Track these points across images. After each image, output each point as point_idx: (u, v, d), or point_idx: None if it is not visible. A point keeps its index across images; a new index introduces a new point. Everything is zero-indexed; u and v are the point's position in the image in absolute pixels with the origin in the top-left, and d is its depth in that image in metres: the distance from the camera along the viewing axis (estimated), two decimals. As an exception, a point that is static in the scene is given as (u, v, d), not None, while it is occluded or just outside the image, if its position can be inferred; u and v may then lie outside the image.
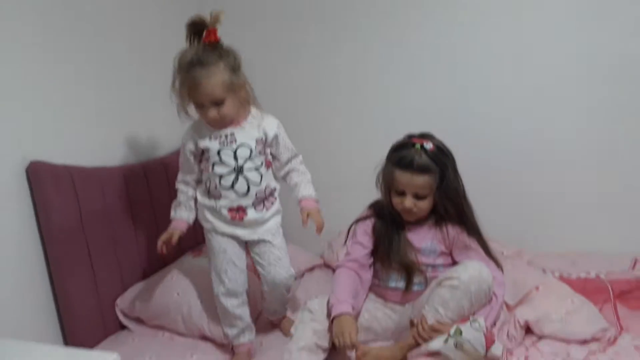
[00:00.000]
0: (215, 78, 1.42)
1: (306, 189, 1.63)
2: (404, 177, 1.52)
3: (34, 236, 1.59)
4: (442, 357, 1.40)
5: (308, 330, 1.51)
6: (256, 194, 1.57)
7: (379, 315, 1.63)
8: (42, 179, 1.57)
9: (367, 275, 1.65)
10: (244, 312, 1.63)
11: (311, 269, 2.17)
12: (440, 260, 1.58)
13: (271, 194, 1.62)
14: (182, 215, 1.63)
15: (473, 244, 1.56)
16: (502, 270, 1.59)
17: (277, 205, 1.64)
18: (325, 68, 2.22)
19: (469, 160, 1.64)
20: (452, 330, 1.39)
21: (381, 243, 1.61)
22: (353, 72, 2.18)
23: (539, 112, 1.98)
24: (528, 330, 1.55)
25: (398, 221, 1.60)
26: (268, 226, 1.62)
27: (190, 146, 1.57)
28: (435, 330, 1.44)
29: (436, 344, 1.41)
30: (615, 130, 1.92)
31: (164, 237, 1.60)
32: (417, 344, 1.47)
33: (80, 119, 1.74)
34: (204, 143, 1.54)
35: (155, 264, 1.91)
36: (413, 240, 1.59)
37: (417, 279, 1.58)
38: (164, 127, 2.03)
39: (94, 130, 1.78)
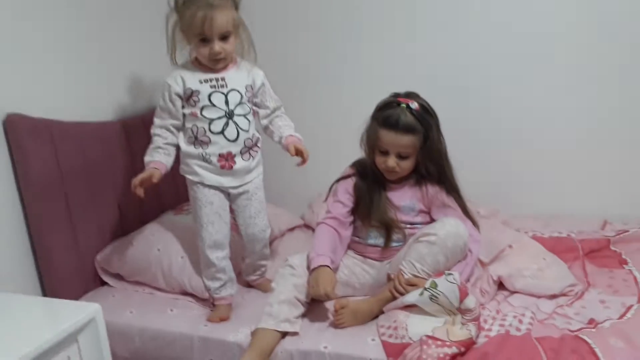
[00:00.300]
0: (227, 11, 1.48)
1: (291, 130, 1.65)
2: (388, 137, 1.54)
3: (12, 190, 1.57)
4: (418, 309, 1.44)
5: (289, 285, 1.54)
6: (244, 142, 1.59)
7: (357, 270, 1.67)
8: (19, 132, 1.54)
9: (347, 232, 1.68)
10: (228, 264, 1.65)
11: (292, 229, 2.20)
12: (418, 219, 1.62)
13: (256, 143, 1.63)
14: (160, 159, 1.56)
15: (451, 202, 1.60)
16: (478, 228, 1.64)
17: (259, 156, 1.66)
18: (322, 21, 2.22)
19: (450, 120, 1.66)
20: (427, 284, 1.43)
21: (362, 201, 1.64)
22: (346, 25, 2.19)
23: (518, 76, 2.01)
24: (500, 286, 1.61)
25: (379, 180, 1.63)
26: (252, 176, 1.64)
27: (177, 88, 1.54)
28: (412, 285, 1.48)
29: (412, 296, 1.45)
30: (593, 92, 1.96)
31: (141, 176, 1.50)
32: (394, 298, 1.51)
33: (60, 73, 1.70)
34: (194, 85, 1.54)
35: (136, 221, 1.91)
36: (393, 199, 1.62)
37: (395, 236, 1.62)
38: (143, 84, 2.02)
39: (73, 86, 1.75)
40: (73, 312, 1.16)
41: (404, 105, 1.54)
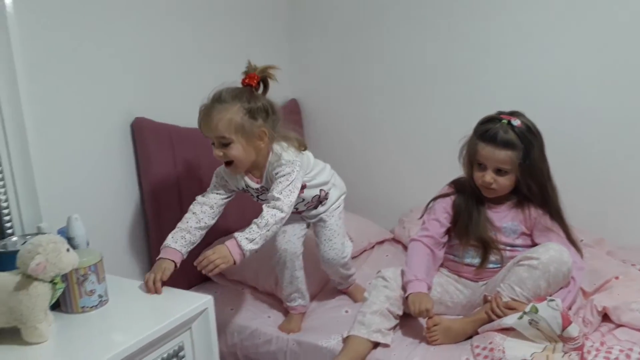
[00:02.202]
0: (224, 115, 1.39)
1: (248, 234, 1.36)
2: (485, 150, 1.53)
3: (133, 185, 1.74)
4: (515, 333, 1.42)
5: (381, 296, 1.57)
6: (306, 207, 1.63)
7: (450, 289, 1.66)
8: (144, 134, 1.70)
9: (440, 253, 1.67)
10: (301, 275, 1.67)
11: (381, 242, 2.22)
12: (519, 241, 1.59)
13: (320, 201, 1.64)
14: (181, 247, 1.43)
15: (555, 227, 1.56)
16: (582, 255, 1.58)
17: (332, 197, 1.67)
18: (410, 39, 2.23)
19: (556, 144, 1.63)
20: (527, 308, 1.40)
21: (460, 218, 1.63)
22: (437, 48, 2.18)
23: (628, 100, 1.92)
24: (604, 317, 1.54)
25: (480, 198, 1.62)
26: (324, 208, 1.67)
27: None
28: (510, 308, 1.46)
29: (510, 319, 1.42)
30: None
31: (156, 276, 1.32)
32: (489, 320, 1.49)
33: (177, 83, 1.86)
34: (230, 187, 1.55)
35: (240, 221, 2.01)
36: (493, 219, 1.60)
37: (493, 257, 1.59)
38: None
39: (189, 94, 1.88)
40: (189, 302, 1.25)
41: (505, 121, 1.53)
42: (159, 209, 1.73)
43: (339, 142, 2.45)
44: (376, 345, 1.50)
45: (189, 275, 1.85)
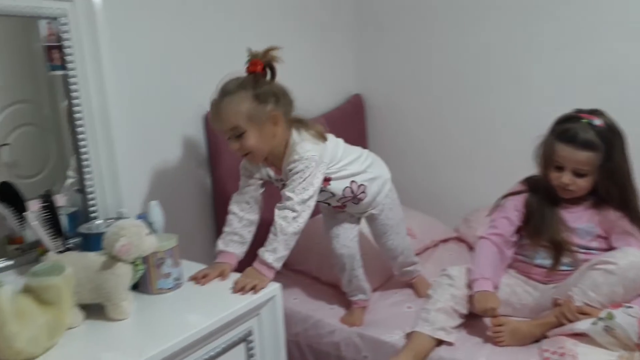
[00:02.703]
0: (232, 106, 1.36)
1: (268, 246, 1.35)
2: (564, 151, 1.48)
3: (205, 174, 1.81)
4: (588, 339, 1.37)
5: (446, 294, 1.55)
6: (339, 202, 1.57)
7: (518, 290, 1.61)
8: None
9: (509, 252, 1.63)
10: (360, 272, 1.67)
11: (445, 241, 2.19)
12: (594, 244, 1.53)
13: (355, 195, 1.56)
14: (234, 249, 1.43)
15: (635, 231, 1.48)
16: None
17: (373, 190, 1.58)
18: (482, 37, 2.18)
19: (637, 144, 1.55)
20: (602, 314, 1.34)
21: (532, 217, 1.58)
22: (509, 41, 2.12)
23: None
24: (687, 329, 1.45)
25: (553, 197, 1.56)
26: (373, 205, 1.62)
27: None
28: (583, 313, 1.40)
29: (583, 325, 1.37)
30: None
31: (213, 274, 1.33)
32: (560, 324, 1.44)
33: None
34: (256, 176, 1.51)
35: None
36: (568, 219, 1.55)
37: (565, 259, 1.54)
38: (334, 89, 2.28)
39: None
40: (258, 288, 1.29)
41: (585, 120, 1.47)
42: (226, 198, 1.78)
43: (403, 138, 2.44)
44: (440, 343, 1.49)
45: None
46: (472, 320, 1.56)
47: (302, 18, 2.16)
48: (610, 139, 1.46)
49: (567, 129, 1.48)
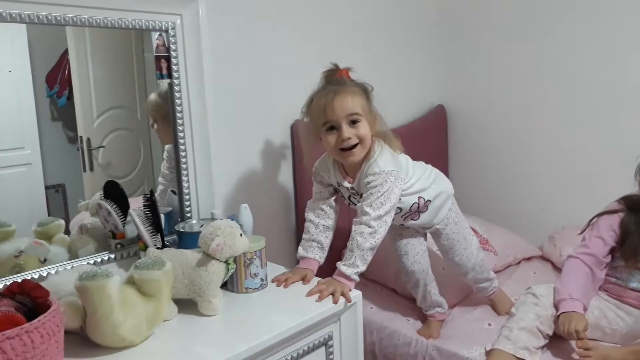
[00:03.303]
0: (354, 94, 1.37)
1: (346, 260, 1.36)
2: None
3: (289, 181, 1.87)
4: (690, 372, 1.28)
5: (531, 313, 1.50)
6: (404, 218, 1.55)
7: (609, 315, 1.53)
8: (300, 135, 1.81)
9: (601, 274, 1.55)
10: (433, 288, 1.66)
11: (528, 259, 2.12)
12: (698, 270, 1.43)
13: (425, 205, 1.53)
14: (314, 255, 1.45)
15: None
16: None
17: (436, 204, 1.56)
18: (573, 53, 2.11)
19: None
20: None
21: (629, 238, 1.50)
22: (601, 56, 2.03)
23: None
24: None
25: (654, 217, 1.48)
26: (437, 220, 1.59)
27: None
28: None
29: (683, 356, 1.28)
30: None
31: (295, 277, 1.37)
32: (657, 353, 1.36)
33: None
34: (326, 181, 1.51)
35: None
36: (669, 242, 1.46)
37: (664, 285, 1.45)
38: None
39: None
40: (340, 295, 1.31)
41: None
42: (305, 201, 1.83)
43: (486, 151, 2.39)
44: (522, 362, 1.45)
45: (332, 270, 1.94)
46: (558, 342, 1.50)
47: (390, 29, 2.19)
48: None
49: None
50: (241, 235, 1.21)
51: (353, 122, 1.37)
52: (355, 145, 1.38)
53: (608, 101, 2.03)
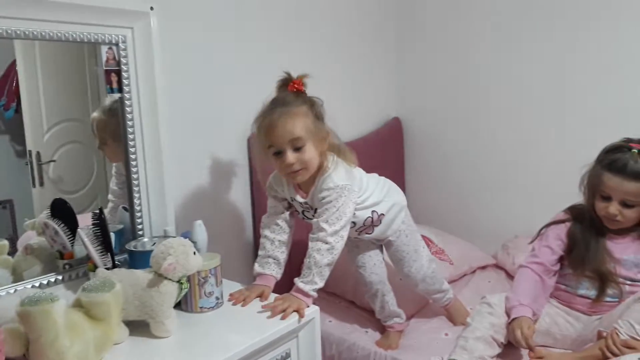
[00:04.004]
0: (297, 117, 1.33)
1: (303, 277, 1.35)
2: (612, 182, 1.45)
3: (246, 190, 1.86)
4: (635, 374, 1.32)
5: (485, 322, 1.53)
6: (359, 232, 1.55)
7: (559, 321, 1.58)
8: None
9: (551, 281, 1.60)
10: (391, 299, 1.67)
11: (483, 267, 2.16)
12: (642, 276, 1.49)
13: (379, 219, 1.54)
14: (271, 271, 1.43)
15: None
16: None
17: (389, 217, 1.56)
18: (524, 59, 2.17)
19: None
20: (649, 349, 1.30)
21: (576, 247, 1.55)
22: (551, 68, 2.10)
23: None
24: None
25: (598, 227, 1.53)
26: (388, 233, 1.60)
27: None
28: (628, 347, 1.36)
29: (628, 359, 1.33)
30: None
31: (253, 295, 1.35)
32: (604, 357, 1.40)
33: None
34: (280, 195, 1.49)
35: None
36: (613, 250, 1.51)
37: (610, 291, 1.50)
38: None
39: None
40: (297, 310, 1.30)
41: (635, 150, 1.44)
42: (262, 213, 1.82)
43: (441, 163, 2.43)
44: (478, 371, 1.47)
45: (289, 281, 1.92)
46: (512, 349, 1.53)
47: (346, 42, 2.21)
48: None
49: (615, 159, 1.46)
50: (195, 253, 1.19)
51: (297, 148, 1.34)
52: (298, 170, 1.36)
53: (557, 115, 2.11)
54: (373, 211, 1.52)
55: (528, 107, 2.17)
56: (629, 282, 1.49)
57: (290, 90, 1.38)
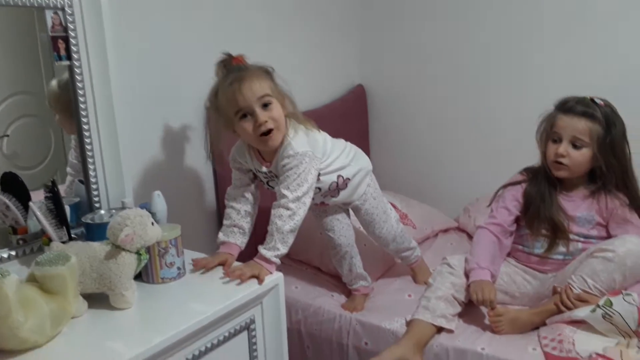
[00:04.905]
0: (259, 77, 1.34)
1: (266, 244, 1.35)
2: (563, 121, 1.51)
3: (208, 165, 1.82)
4: (586, 326, 1.38)
5: (447, 282, 1.57)
6: (324, 197, 1.56)
7: (517, 279, 1.63)
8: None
9: (508, 242, 1.65)
10: (358, 262, 1.70)
11: (445, 230, 2.20)
12: (594, 232, 1.54)
13: (344, 184, 1.55)
14: (236, 240, 1.43)
15: (634, 219, 1.50)
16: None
17: (355, 182, 1.57)
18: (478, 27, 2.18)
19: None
20: (601, 301, 1.36)
21: (532, 207, 1.60)
22: (511, 34, 2.12)
23: None
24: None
25: (552, 184, 1.58)
26: (354, 197, 1.61)
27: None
28: (581, 300, 1.42)
29: (581, 312, 1.39)
30: None
31: (215, 262, 1.34)
32: (559, 311, 1.46)
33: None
34: (244, 167, 1.48)
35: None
36: (567, 208, 1.56)
37: (563, 248, 1.56)
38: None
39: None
40: (261, 278, 1.30)
41: (588, 97, 1.51)
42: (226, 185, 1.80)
43: (404, 129, 2.44)
44: (440, 330, 1.51)
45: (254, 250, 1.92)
46: (472, 307, 1.58)
47: (308, 8, 2.16)
48: (611, 117, 1.49)
49: (567, 100, 1.53)
50: (153, 224, 1.17)
51: (265, 105, 1.34)
52: (272, 130, 1.35)
53: (516, 79, 2.13)
54: (339, 176, 1.53)
55: (488, 71, 2.19)
56: (582, 239, 1.55)
57: (234, 63, 1.37)
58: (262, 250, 1.34)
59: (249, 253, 1.42)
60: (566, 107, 1.52)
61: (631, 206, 1.51)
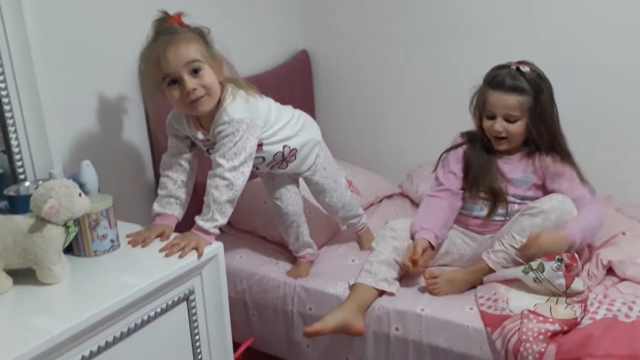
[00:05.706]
0: (188, 41, 1.26)
1: (204, 215, 1.31)
2: (494, 97, 1.54)
3: (143, 132, 1.75)
4: (520, 284, 1.44)
5: (389, 246, 1.59)
6: (270, 167, 1.53)
7: (457, 242, 1.67)
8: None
9: (459, 204, 1.67)
10: (305, 230, 1.70)
11: (389, 197, 2.23)
12: (530, 193, 1.59)
13: (291, 154, 1.52)
14: (173, 211, 1.39)
15: (566, 171, 1.56)
16: (595, 194, 1.60)
17: (303, 153, 1.55)
18: None
19: (567, 101, 1.62)
20: (535, 264, 1.41)
21: (471, 169, 1.63)
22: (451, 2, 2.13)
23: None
24: (609, 271, 1.55)
25: (490, 148, 1.61)
26: (304, 168, 1.60)
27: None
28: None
29: (514, 272, 1.45)
30: None
31: (152, 236, 1.29)
32: (491, 270, 1.52)
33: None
34: (181, 134, 1.43)
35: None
36: (504, 170, 1.60)
37: (501, 210, 1.60)
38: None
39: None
40: (199, 248, 1.27)
41: (513, 67, 1.53)
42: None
43: (349, 96, 2.42)
44: (382, 293, 1.54)
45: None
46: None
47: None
48: (538, 84, 1.53)
49: (496, 75, 1.55)
50: (80, 194, 1.11)
51: (195, 71, 1.27)
52: (201, 97, 1.29)
53: (458, 46, 2.13)
54: (284, 146, 1.49)
55: (432, 37, 2.18)
56: (518, 201, 1.60)
57: (169, 23, 1.29)
58: (199, 221, 1.30)
59: (187, 224, 1.38)
60: (495, 82, 1.54)
61: (562, 161, 1.56)
